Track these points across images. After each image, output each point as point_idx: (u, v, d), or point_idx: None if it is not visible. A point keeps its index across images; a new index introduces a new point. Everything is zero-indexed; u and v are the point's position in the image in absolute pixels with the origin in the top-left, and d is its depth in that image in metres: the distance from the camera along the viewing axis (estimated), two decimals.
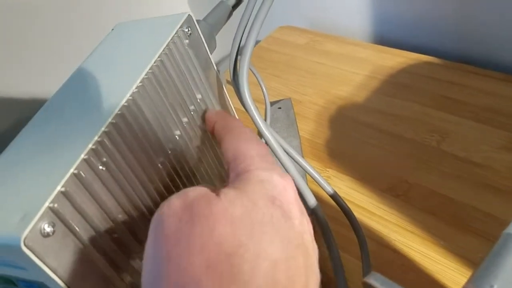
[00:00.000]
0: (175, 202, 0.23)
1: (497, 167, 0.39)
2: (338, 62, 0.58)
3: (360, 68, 0.56)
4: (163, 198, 0.31)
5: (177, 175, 0.33)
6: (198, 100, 0.35)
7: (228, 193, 0.22)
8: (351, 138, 0.47)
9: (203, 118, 0.34)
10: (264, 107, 0.55)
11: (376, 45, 0.60)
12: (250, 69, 0.53)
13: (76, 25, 0.67)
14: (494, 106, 0.45)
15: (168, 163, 0.32)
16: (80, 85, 0.31)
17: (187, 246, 0.21)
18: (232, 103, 0.41)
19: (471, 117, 0.45)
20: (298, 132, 0.49)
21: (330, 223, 0.33)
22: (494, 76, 0.49)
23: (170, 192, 0.31)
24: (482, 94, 0.47)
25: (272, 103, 0.53)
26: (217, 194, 0.23)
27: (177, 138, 0.33)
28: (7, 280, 0.25)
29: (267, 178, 0.24)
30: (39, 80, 0.62)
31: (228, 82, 0.53)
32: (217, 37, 0.40)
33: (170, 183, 0.32)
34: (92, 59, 0.33)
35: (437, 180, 0.40)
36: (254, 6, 0.35)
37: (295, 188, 0.25)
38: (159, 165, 0.30)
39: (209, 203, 0.22)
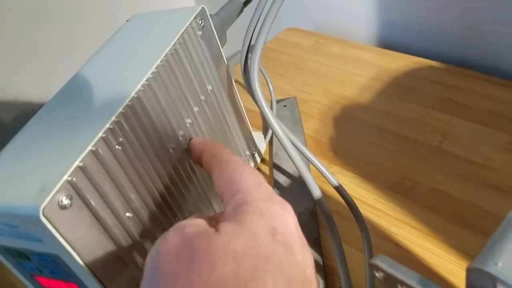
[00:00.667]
0: (172, 238, 0.22)
1: (497, 168, 0.40)
2: (342, 64, 0.59)
3: (364, 70, 0.57)
4: (174, 183, 0.31)
5: (188, 162, 0.33)
6: (209, 91, 0.36)
7: (227, 228, 0.21)
8: (355, 137, 0.48)
9: (191, 144, 0.33)
10: (269, 105, 0.56)
11: (380, 49, 0.61)
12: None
13: (85, 20, 0.68)
14: (495, 110, 0.46)
15: (179, 150, 0.32)
16: (98, 70, 0.32)
17: (185, 286, 0.20)
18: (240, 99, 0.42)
19: (472, 119, 0.46)
20: (303, 130, 0.50)
21: (334, 217, 0.34)
22: (495, 81, 0.50)
23: (181, 179, 0.32)
24: (484, 98, 0.48)
25: (277, 101, 0.54)
26: (216, 229, 0.22)
27: (188, 126, 0.34)
28: (21, 254, 0.26)
29: (267, 209, 0.23)
30: (46, 78, 0.63)
31: (235, 81, 0.54)
32: (227, 33, 0.41)
33: (181, 170, 0.32)
34: (109, 47, 0.34)
35: (439, 178, 0.41)
36: (265, 3, 0.36)
37: (295, 217, 0.24)
38: (171, 150, 0.31)
39: (209, 238, 0.21)
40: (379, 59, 0.58)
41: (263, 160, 0.48)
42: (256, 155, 0.46)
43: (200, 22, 0.35)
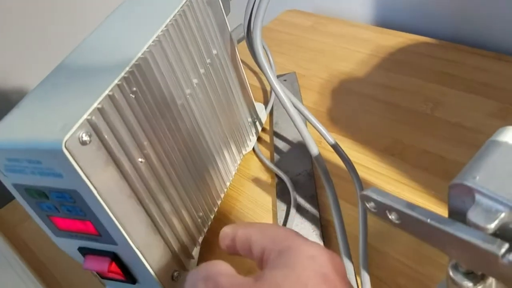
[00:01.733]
0: None
1: (487, 132, 0.42)
2: (341, 42, 0.61)
3: (362, 47, 0.59)
4: (181, 137, 0.34)
5: (194, 120, 0.36)
6: (214, 55, 0.39)
7: (273, 275, 0.20)
8: (352, 107, 0.50)
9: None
10: None
11: (377, 27, 0.63)
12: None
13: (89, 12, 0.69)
14: (487, 80, 0.48)
15: (187, 107, 0.35)
16: (110, 29, 0.34)
17: None
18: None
19: (464, 89, 0.48)
20: (302, 102, 0.52)
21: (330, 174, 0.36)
22: (486, 54, 0.52)
23: (187, 134, 0.34)
24: (476, 70, 0.50)
25: (277, 76, 0.56)
26: (256, 278, 0.20)
27: (195, 86, 0.36)
28: (40, 193, 0.28)
29: (317, 252, 0.21)
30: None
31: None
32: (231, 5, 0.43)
33: (187, 126, 0.35)
34: (119, 9, 0.36)
35: (431, 141, 0.43)
36: None
37: (343, 265, 0.23)
38: (179, 106, 0.34)
39: (252, 284, 0.20)
40: (376, 37, 0.60)
41: (264, 130, 0.50)
42: (257, 123, 0.48)
43: None
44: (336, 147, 0.38)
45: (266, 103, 0.53)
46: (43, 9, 0.64)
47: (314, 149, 0.37)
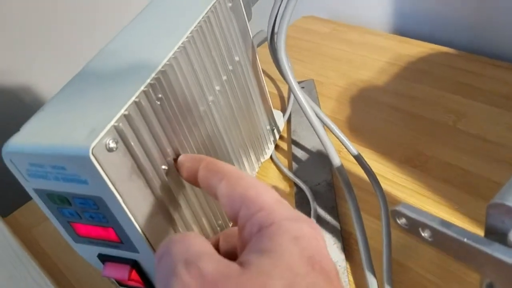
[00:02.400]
0: (188, 279, 0.18)
1: (509, 145, 0.42)
2: (359, 49, 0.61)
3: (380, 55, 0.58)
4: (202, 143, 0.33)
5: (215, 127, 0.35)
6: (236, 61, 0.38)
7: (260, 263, 0.19)
8: (371, 115, 0.49)
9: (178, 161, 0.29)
10: (286, 86, 0.58)
11: (396, 36, 0.62)
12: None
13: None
14: (506, 92, 0.48)
15: (208, 114, 0.34)
16: (135, 35, 0.33)
17: None
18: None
19: (485, 101, 0.47)
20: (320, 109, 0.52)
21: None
22: (505, 66, 0.51)
23: (208, 140, 0.34)
24: (496, 82, 0.49)
25: None
26: (241, 263, 0.19)
27: (217, 93, 0.35)
28: (63, 199, 0.28)
29: (300, 232, 0.20)
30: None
31: None
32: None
33: (209, 132, 0.34)
34: (144, 15, 0.36)
35: (453, 153, 0.42)
36: None
37: (323, 236, 0.22)
38: (201, 114, 0.33)
39: (241, 280, 0.18)
40: (395, 45, 0.60)
41: (281, 137, 0.49)
42: (275, 131, 0.47)
43: None
44: (358, 158, 0.37)
45: (282, 111, 0.52)
46: (62, 11, 0.64)
47: (336, 159, 0.36)
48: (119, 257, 0.31)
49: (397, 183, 0.41)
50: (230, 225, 0.39)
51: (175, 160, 0.30)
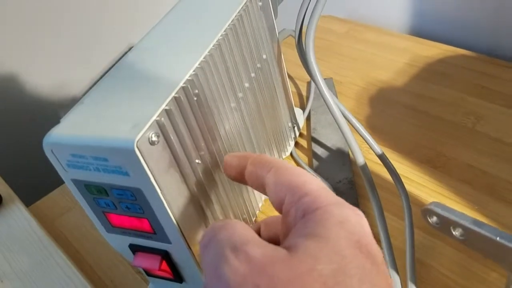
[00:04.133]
0: (238, 264, 0.19)
1: None
2: (377, 49, 0.62)
3: (399, 56, 0.59)
4: (231, 139, 0.34)
5: (243, 122, 0.36)
6: (263, 59, 0.39)
7: (307, 247, 0.19)
8: (390, 116, 0.50)
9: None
10: (304, 84, 0.58)
11: (414, 37, 0.63)
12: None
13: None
14: None
15: (238, 110, 0.35)
16: (169, 30, 0.34)
17: None
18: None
19: (503, 104, 0.48)
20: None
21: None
22: None
23: (238, 135, 0.35)
24: None
25: None
26: (289, 248, 0.19)
27: (246, 89, 0.36)
28: (100, 189, 0.29)
29: (345, 217, 0.20)
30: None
31: None
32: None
33: (239, 130, 0.35)
34: (175, 11, 0.37)
35: (473, 155, 0.43)
36: None
37: (367, 222, 0.22)
38: (232, 109, 0.34)
39: (288, 264, 0.18)
40: (413, 46, 0.60)
41: (301, 135, 0.50)
42: (296, 128, 0.48)
43: None
44: (382, 157, 0.38)
45: (301, 108, 0.53)
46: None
47: (360, 158, 0.37)
48: (150, 247, 0.32)
49: (418, 183, 0.42)
50: (253, 219, 0.39)
51: (223, 157, 0.30)
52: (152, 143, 0.25)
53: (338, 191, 0.42)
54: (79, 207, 0.30)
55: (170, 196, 0.28)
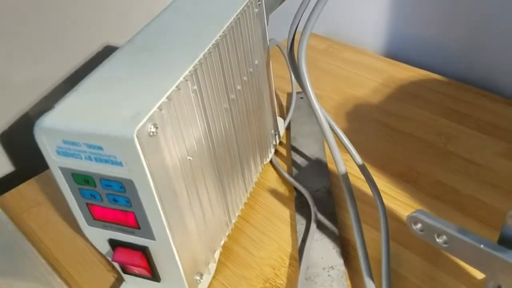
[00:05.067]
0: None
1: (497, 170, 0.45)
2: (354, 68, 0.64)
3: (374, 75, 0.61)
4: (226, 134, 0.34)
5: (232, 124, 0.36)
6: (255, 64, 0.40)
7: None
8: (366, 131, 0.52)
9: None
10: (285, 95, 0.59)
11: (389, 59, 0.65)
12: (286, 58, 0.57)
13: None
14: (494, 121, 0.51)
15: (229, 111, 0.35)
16: (168, 24, 0.34)
17: None
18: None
19: (474, 127, 0.51)
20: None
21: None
22: (494, 97, 0.55)
23: (230, 132, 0.35)
24: (484, 110, 0.53)
25: (296, 93, 0.58)
26: None
27: (238, 91, 0.37)
28: (88, 179, 0.28)
29: None
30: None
31: None
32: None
33: (228, 131, 0.35)
34: (173, 9, 0.37)
35: (444, 173, 0.45)
36: None
37: None
38: (224, 110, 0.34)
39: None
40: (388, 68, 0.63)
41: (280, 143, 0.51)
42: (277, 136, 0.49)
43: (257, 0, 0.38)
44: (363, 168, 0.39)
45: (283, 117, 0.54)
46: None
47: (342, 168, 0.38)
48: (131, 243, 0.31)
49: (391, 196, 0.43)
50: (233, 221, 0.39)
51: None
52: (150, 134, 0.25)
53: (316, 199, 0.42)
54: (49, 202, 0.30)
55: (162, 190, 0.27)
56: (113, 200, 0.29)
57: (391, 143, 0.50)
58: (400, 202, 0.43)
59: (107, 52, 0.69)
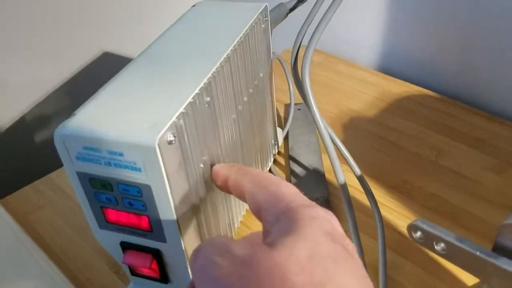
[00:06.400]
0: (223, 262, 0.20)
1: (486, 184, 0.47)
2: (349, 81, 0.66)
3: (369, 89, 0.64)
4: (233, 143, 0.36)
5: (239, 134, 0.38)
6: (260, 77, 0.41)
7: (283, 241, 0.20)
8: (361, 143, 0.54)
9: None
10: (282, 106, 0.61)
11: (382, 74, 0.68)
12: (285, 71, 0.59)
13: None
14: (482, 137, 0.54)
15: (236, 122, 0.37)
16: (181, 38, 0.36)
17: None
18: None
19: (464, 142, 0.53)
20: (316, 132, 0.55)
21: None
22: (482, 114, 0.58)
23: (237, 139, 0.37)
24: (473, 126, 0.55)
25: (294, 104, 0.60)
26: (267, 245, 0.21)
27: (245, 103, 0.38)
28: (105, 183, 0.29)
29: (316, 214, 0.22)
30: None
31: None
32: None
33: (235, 141, 0.37)
34: (186, 20, 0.38)
35: (436, 185, 0.47)
36: (321, 5, 0.42)
37: (339, 223, 0.23)
38: (232, 121, 0.36)
39: (267, 255, 0.20)
40: (382, 83, 0.65)
41: (279, 153, 0.52)
42: (276, 146, 0.51)
43: (264, 16, 0.40)
44: (361, 179, 0.41)
45: (281, 127, 0.55)
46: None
47: (341, 178, 0.40)
48: (142, 245, 0.33)
49: (387, 206, 0.45)
50: (236, 227, 0.41)
51: (211, 166, 0.32)
52: (169, 142, 0.27)
53: None
54: (52, 205, 0.31)
55: (176, 195, 0.29)
56: (128, 204, 0.30)
57: (386, 155, 0.52)
58: (395, 212, 0.45)
59: (103, 57, 0.70)
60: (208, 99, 0.31)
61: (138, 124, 0.27)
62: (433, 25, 0.62)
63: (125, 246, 0.33)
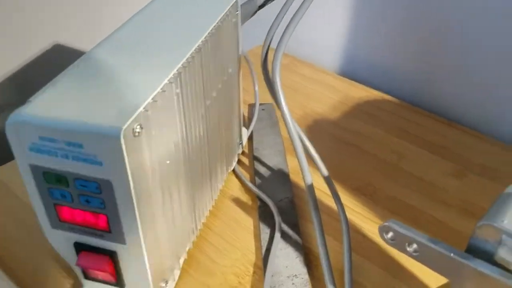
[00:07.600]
0: None
1: (445, 188, 0.48)
2: (314, 84, 0.66)
3: (332, 93, 0.64)
4: (196, 146, 0.34)
5: (206, 130, 0.36)
6: (229, 72, 0.40)
7: None
8: (325, 145, 0.53)
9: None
10: (246, 106, 0.60)
11: (345, 78, 0.68)
12: (251, 70, 0.58)
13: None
14: (442, 143, 0.55)
15: (204, 117, 0.35)
16: (147, 24, 0.34)
17: None
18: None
19: (423, 147, 0.54)
20: (280, 133, 0.55)
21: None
22: (440, 120, 0.59)
23: (204, 135, 0.35)
24: (433, 132, 0.57)
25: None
26: None
27: (212, 98, 0.37)
28: (61, 178, 0.27)
29: None
30: None
31: None
32: None
33: (202, 137, 0.35)
34: (152, 9, 0.36)
35: (398, 189, 0.47)
36: (291, 4, 0.41)
37: None
38: (200, 116, 0.34)
39: None
40: (345, 87, 0.65)
41: (243, 153, 0.51)
42: (241, 145, 0.49)
43: (235, 10, 0.39)
44: (328, 180, 0.40)
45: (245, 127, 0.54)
46: None
47: (308, 178, 0.39)
48: (97, 247, 0.30)
49: (350, 208, 0.45)
50: (198, 228, 0.39)
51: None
52: (135, 134, 0.25)
53: (280, 209, 0.43)
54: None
55: (139, 193, 0.27)
56: (85, 201, 0.28)
57: (349, 158, 0.52)
58: (359, 214, 0.44)
59: (55, 49, 0.66)
60: (178, 90, 0.29)
61: (101, 113, 0.25)
62: (396, 33, 0.63)
63: (79, 248, 0.31)
